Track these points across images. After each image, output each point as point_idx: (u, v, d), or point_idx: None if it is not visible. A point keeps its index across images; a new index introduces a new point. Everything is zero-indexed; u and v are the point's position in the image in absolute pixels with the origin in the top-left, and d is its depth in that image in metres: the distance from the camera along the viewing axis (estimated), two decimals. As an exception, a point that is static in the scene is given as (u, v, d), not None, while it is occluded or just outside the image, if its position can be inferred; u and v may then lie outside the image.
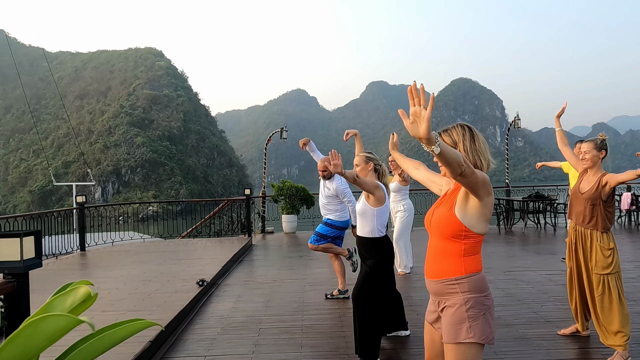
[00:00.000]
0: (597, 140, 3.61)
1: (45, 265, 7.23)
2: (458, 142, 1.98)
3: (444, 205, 1.99)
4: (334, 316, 4.63)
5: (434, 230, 2.00)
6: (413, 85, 1.52)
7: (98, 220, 10.98)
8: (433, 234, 2.02)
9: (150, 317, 4.20)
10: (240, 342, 3.91)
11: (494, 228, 11.18)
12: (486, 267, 6.52)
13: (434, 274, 1.98)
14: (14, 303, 2.02)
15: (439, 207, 2.03)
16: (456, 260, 1.93)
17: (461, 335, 1.86)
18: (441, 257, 1.96)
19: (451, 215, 1.92)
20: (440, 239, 1.97)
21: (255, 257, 8.28)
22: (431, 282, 2.00)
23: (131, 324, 1.55)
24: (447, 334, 1.90)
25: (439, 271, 1.96)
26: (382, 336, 3.62)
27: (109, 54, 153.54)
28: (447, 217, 1.93)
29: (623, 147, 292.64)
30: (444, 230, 1.94)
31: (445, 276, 1.93)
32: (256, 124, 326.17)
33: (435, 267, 1.98)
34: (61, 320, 1.39)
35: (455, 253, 1.93)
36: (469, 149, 1.97)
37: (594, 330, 3.68)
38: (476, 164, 1.97)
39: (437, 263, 1.98)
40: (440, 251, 1.97)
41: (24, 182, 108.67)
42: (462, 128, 2.02)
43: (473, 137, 1.99)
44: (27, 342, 1.37)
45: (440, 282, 1.95)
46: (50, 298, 1.58)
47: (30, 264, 2.07)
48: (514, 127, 14.48)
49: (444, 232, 1.94)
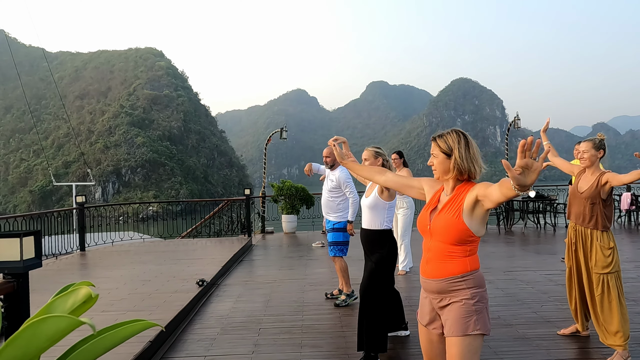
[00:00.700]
0: (595, 140, 3.62)
1: (45, 266, 7.23)
2: (453, 149, 2.03)
3: (447, 212, 2.02)
4: (334, 316, 4.63)
5: (438, 236, 2.03)
6: (529, 140, 1.53)
7: (98, 221, 10.99)
8: (435, 238, 2.05)
9: (150, 317, 4.21)
10: (240, 342, 3.92)
11: (494, 228, 11.18)
12: (486, 267, 6.54)
13: (437, 273, 2.03)
14: (14, 303, 2.02)
15: (441, 214, 2.04)
16: (461, 260, 2.00)
17: (470, 328, 1.94)
18: (445, 259, 2.02)
19: (460, 223, 1.97)
20: (444, 243, 2.02)
21: (255, 257, 8.28)
22: (434, 281, 2.04)
23: (132, 324, 1.55)
24: (454, 327, 1.96)
25: (443, 271, 2.01)
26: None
27: (109, 54, 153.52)
28: (455, 225, 1.98)
29: (623, 147, 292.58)
30: (450, 236, 1.99)
31: (451, 274, 2.00)
32: (256, 124, 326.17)
33: (439, 268, 2.02)
34: (62, 322, 1.39)
35: (460, 255, 2.01)
36: (464, 156, 2.02)
37: (594, 331, 3.69)
38: (470, 170, 2.03)
39: (440, 264, 2.03)
40: (443, 254, 2.02)
41: (24, 182, 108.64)
42: (457, 134, 2.06)
43: (467, 144, 2.04)
44: (28, 343, 1.38)
45: (446, 281, 2.00)
46: (51, 299, 1.58)
47: (30, 264, 2.07)
48: (514, 127, 14.48)
49: (450, 238, 1.99)
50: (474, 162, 2.03)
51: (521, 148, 1.53)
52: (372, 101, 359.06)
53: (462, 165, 2.01)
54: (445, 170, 2.07)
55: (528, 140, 1.53)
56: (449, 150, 2.04)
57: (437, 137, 2.10)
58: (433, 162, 2.10)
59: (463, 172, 2.03)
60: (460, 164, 2.01)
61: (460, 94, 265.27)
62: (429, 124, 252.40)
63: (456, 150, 2.02)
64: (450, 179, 2.08)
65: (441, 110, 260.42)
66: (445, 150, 2.04)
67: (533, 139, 1.55)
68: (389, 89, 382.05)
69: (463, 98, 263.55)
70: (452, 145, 2.03)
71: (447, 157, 2.04)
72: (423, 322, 2.15)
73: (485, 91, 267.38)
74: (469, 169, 2.02)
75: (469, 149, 2.03)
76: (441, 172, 2.09)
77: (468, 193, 2.00)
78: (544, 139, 4.03)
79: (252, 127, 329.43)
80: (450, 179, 2.08)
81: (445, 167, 2.06)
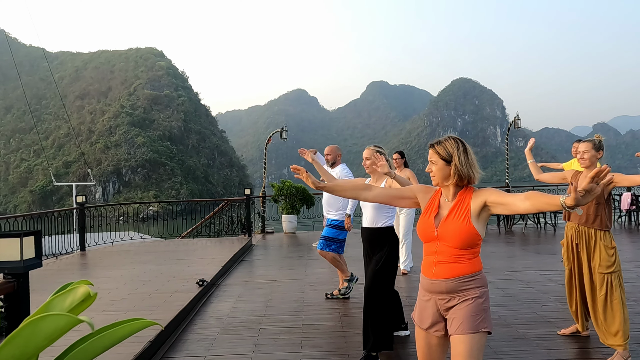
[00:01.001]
0: (595, 141, 3.62)
1: (45, 265, 7.23)
2: (453, 155, 2.05)
3: (456, 218, 2.04)
4: (334, 316, 4.63)
5: (448, 241, 2.05)
6: (603, 168, 1.64)
7: (99, 220, 10.99)
8: (444, 243, 2.06)
9: (150, 317, 4.20)
10: (240, 342, 3.92)
11: (494, 228, 11.18)
12: (486, 267, 6.51)
13: (447, 274, 2.04)
14: (14, 303, 2.02)
15: (448, 220, 2.06)
16: (469, 261, 2.05)
17: (480, 325, 1.99)
18: (455, 260, 2.04)
19: (471, 228, 2.01)
20: (453, 247, 2.04)
21: (255, 257, 8.28)
22: (444, 281, 2.05)
23: (130, 323, 1.55)
24: (465, 325, 1.99)
25: (454, 271, 2.04)
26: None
27: (110, 54, 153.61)
28: (467, 230, 2.01)
29: (624, 147, 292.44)
30: (461, 241, 2.02)
31: (462, 274, 2.03)
32: (256, 124, 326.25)
33: (449, 268, 2.05)
34: (60, 320, 1.39)
35: (469, 257, 2.05)
36: (463, 162, 2.05)
37: (593, 331, 3.68)
38: (470, 175, 2.06)
39: (449, 265, 2.05)
40: (453, 256, 2.04)
41: (24, 182, 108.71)
42: (456, 142, 2.09)
43: (466, 150, 2.08)
44: (26, 341, 1.37)
45: (457, 280, 2.03)
46: (50, 298, 1.58)
47: (30, 264, 2.07)
48: (514, 127, 14.49)
49: (460, 243, 2.02)
50: (472, 167, 2.07)
51: (593, 174, 1.63)
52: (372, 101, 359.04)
53: (462, 171, 2.04)
54: (445, 176, 2.08)
55: (600, 169, 1.63)
56: (448, 157, 2.06)
57: (435, 144, 2.12)
58: (432, 169, 2.12)
59: (463, 178, 2.06)
60: (461, 170, 2.04)
61: (461, 94, 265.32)
62: (429, 124, 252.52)
63: (456, 156, 2.04)
64: (450, 185, 2.10)
65: (441, 110, 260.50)
66: (444, 156, 2.07)
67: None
68: (389, 88, 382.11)
69: (463, 98, 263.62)
70: (451, 151, 2.06)
71: (447, 164, 2.06)
72: (423, 325, 2.14)
73: (486, 91, 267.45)
74: (468, 175, 2.06)
75: (467, 155, 2.07)
76: (441, 179, 2.10)
77: (472, 198, 2.04)
78: (528, 157, 4.10)
79: (253, 127, 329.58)
80: (451, 185, 2.09)
81: (445, 174, 2.08)
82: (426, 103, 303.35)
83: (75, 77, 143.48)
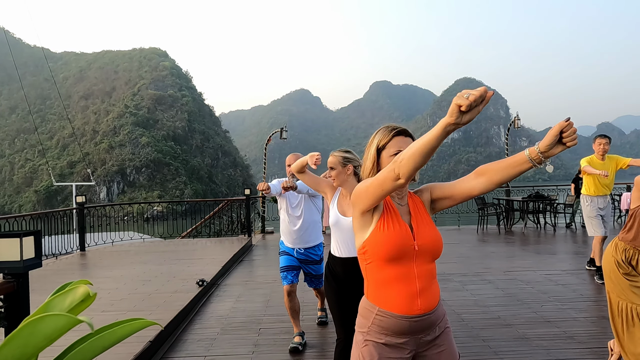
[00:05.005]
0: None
1: (45, 265, 7.28)
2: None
3: (426, 225, 1.63)
4: (334, 316, 4.63)
5: (427, 256, 1.60)
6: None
7: (105, 220, 11.04)
8: (421, 260, 1.59)
9: (150, 317, 4.24)
10: (240, 342, 3.94)
11: (494, 228, 11.17)
12: (486, 267, 6.55)
13: (431, 303, 1.59)
14: (14, 303, 2.04)
15: (420, 227, 1.62)
16: (435, 279, 1.67)
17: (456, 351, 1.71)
18: (431, 281, 1.62)
19: (439, 234, 1.65)
20: (429, 263, 1.62)
21: (255, 257, 8.30)
22: (429, 314, 1.59)
23: (130, 323, 1.56)
24: (453, 355, 1.66)
25: (434, 296, 1.62)
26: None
27: (114, 54, 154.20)
28: (439, 237, 1.64)
29: (628, 146, 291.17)
30: (438, 252, 1.62)
31: (439, 297, 1.65)
32: (260, 124, 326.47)
33: (431, 295, 1.60)
34: (60, 320, 1.41)
35: (435, 272, 1.68)
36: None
37: (593, 330, 3.69)
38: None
39: (429, 291, 1.60)
40: (430, 276, 1.61)
41: (29, 182, 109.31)
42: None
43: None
44: (25, 342, 1.39)
45: (439, 306, 1.64)
46: (49, 298, 1.60)
47: (30, 264, 2.09)
48: (514, 127, 14.52)
49: (437, 254, 1.62)
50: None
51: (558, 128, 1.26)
52: (375, 101, 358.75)
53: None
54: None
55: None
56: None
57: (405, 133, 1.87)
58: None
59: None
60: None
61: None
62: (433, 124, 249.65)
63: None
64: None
65: (445, 110, 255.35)
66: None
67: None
68: (392, 88, 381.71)
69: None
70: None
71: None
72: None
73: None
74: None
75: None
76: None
77: (420, 196, 1.70)
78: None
79: (256, 127, 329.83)
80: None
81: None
82: (429, 103, 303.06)
83: (79, 77, 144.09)
